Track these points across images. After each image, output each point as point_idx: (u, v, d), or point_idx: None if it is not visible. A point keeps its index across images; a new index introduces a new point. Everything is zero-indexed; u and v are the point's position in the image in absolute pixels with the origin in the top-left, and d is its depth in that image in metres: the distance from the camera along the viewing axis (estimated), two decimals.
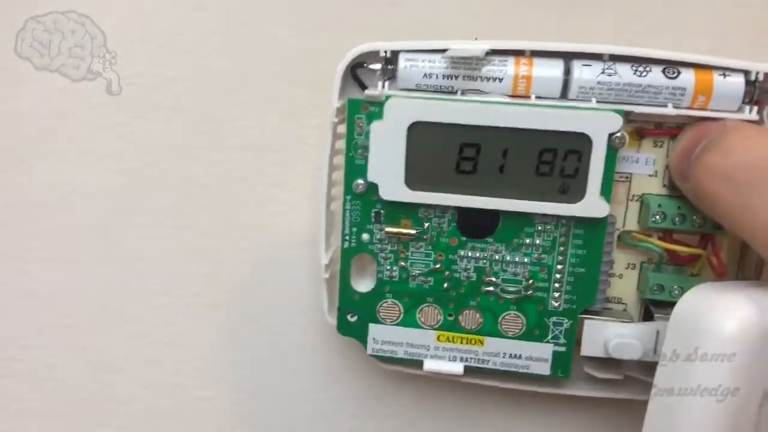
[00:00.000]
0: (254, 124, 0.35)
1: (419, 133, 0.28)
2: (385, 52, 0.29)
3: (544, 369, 0.31)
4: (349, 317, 0.31)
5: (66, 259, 0.36)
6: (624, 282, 0.31)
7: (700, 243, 0.30)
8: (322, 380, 0.37)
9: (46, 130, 0.35)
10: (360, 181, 0.30)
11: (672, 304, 0.30)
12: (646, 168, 0.30)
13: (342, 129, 0.30)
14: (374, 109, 0.29)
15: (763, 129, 0.28)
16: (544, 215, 0.29)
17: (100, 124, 0.35)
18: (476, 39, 0.30)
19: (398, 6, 0.33)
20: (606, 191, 0.28)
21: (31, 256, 0.37)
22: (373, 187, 0.29)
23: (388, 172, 0.29)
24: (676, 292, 0.30)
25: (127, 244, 0.36)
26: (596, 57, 0.29)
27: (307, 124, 0.34)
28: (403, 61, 0.29)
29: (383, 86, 0.30)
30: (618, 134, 0.27)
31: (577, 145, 0.28)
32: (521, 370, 0.31)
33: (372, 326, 0.31)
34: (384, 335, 0.31)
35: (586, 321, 0.30)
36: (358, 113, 0.29)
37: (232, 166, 0.35)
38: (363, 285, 0.31)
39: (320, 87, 0.33)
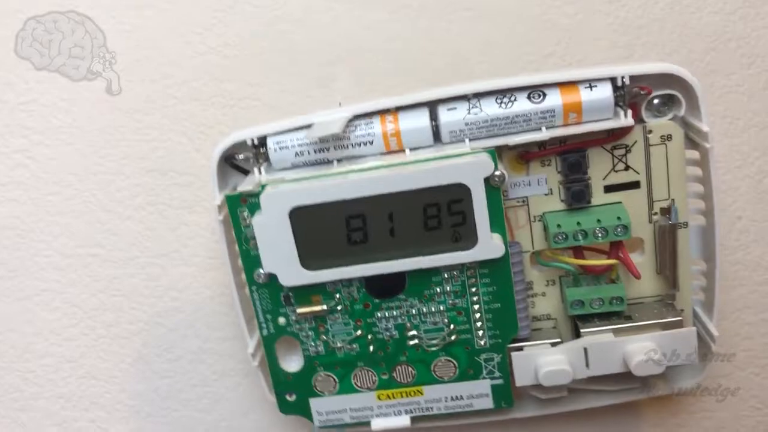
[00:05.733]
0: (162, 146, 0.34)
1: (302, 216, 0.28)
2: (252, 139, 0.29)
3: (487, 403, 0.31)
4: (287, 397, 0.32)
5: None
6: (548, 299, 0.31)
7: (611, 250, 0.30)
8: (245, 409, 0.36)
9: None
10: (260, 272, 0.29)
11: (597, 316, 0.30)
12: (539, 188, 0.30)
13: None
14: (254, 200, 0.28)
15: None
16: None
17: None
18: (340, 104, 0.29)
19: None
20: (499, 228, 0.28)
21: None
22: (274, 275, 0.29)
23: (282, 260, 0.29)
24: (597, 304, 0.30)
25: (33, 275, 0.35)
26: (461, 98, 0.28)
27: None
28: (272, 145, 0.29)
29: (260, 172, 0.29)
30: (495, 173, 0.27)
31: (457, 194, 0.27)
32: (466, 409, 0.31)
33: (313, 400, 0.32)
34: (326, 406, 0.32)
35: (513, 354, 0.30)
36: (240, 207, 0.29)
37: (139, 190, 0.34)
38: (293, 364, 0.31)
39: None
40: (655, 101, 0.28)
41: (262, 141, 0.29)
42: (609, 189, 0.29)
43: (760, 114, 0.33)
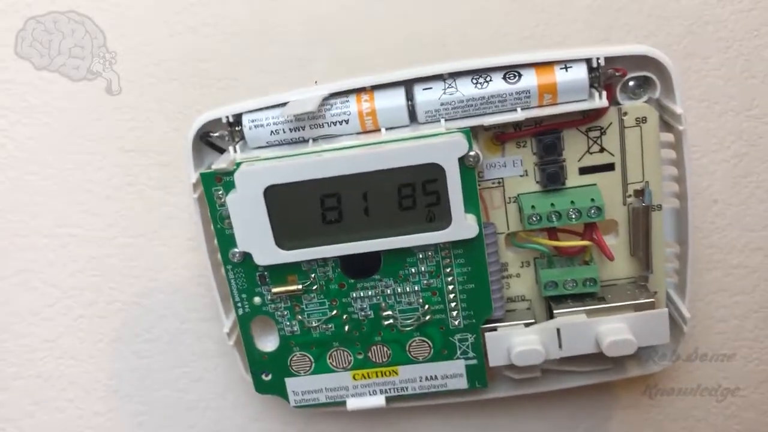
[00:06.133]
0: (140, 126, 0.34)
1: (276, 194, 0.28)
2: (227, 117, 0.29)
3: (462, 384, 0.31)
4: (263, 377, 0.32)
5: None
6: (523, 280, 0.31)
7: (585, 231, 0.30)
8: (223, 389, 0.37)
9: None
10: (235, 251, 0.29)
11: (570, 297, 0.30)
12: (515, 170, 0.30)
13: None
14: (228, 178, 0.28)
15: None
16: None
17: None
18: (316, 83, 0.29)
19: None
20: (473, 209, 0.28)
21: None
22: (249, 254, 0.29)
23: (257, 239, 0.29)
24: (571, 285, 0.30)
25: (10, 255, 0.35)
26: (437, 78, 0.28)
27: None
28: (247, 122, 0.29)
29: (235, 150, 0.29)
30: (470, 153, 0.27)
31: (431, 174, 0.27)
32: (440, 389, 0.31)
33: (288, 380, 0.32)
34: (302, 386, 0.32)
35: (486, 334, 0.30)
36: (215, 185, 0.29)
37: (117, 170, 0.34)
38: (269, 344, 0.32)
39: None
40: (631, 83, 0.28)
41: (238, 119, 0.29)
42: (584, 171, 0.29)
43: (736, 98, 0.33)
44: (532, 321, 0.30)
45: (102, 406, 0.37)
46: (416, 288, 0.30)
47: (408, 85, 0.28)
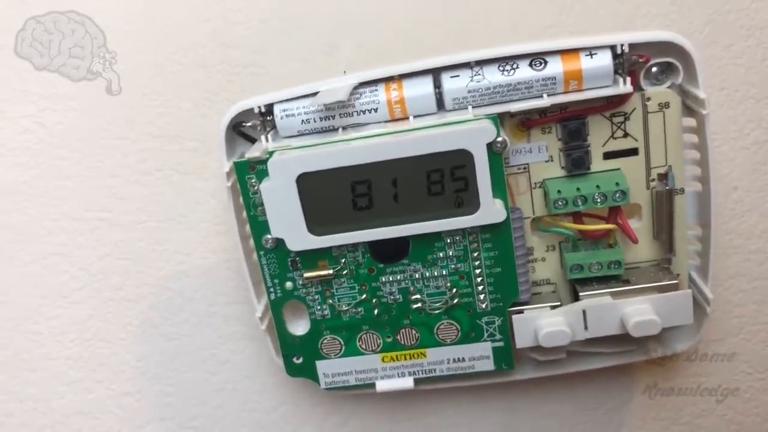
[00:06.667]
0: (169, 112, 0.34)
1: (309, 182, 0.29)
2: (259, 107, 0.30)
3: (488, 365, 0.32)
4: (294, 360, 0.33)
5: None
6: (548, 264, 0.32)
7: (609, 216, 0.30)
8: (251, 372, 0.37)
9: None
10: (268, 237, 0.30)
11: (595, 280, 0.31)
12: (540, 155, 0.30)
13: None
14: (261, 167, 0.29)
15: None
16: (451, 229, 0.30)
17: (5, 117, 0.35)
18: (345, 72, 0.30)
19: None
20: (500, 194, 0.29)
21: None
22: (282, 240, 0.30)
23: (289, 225, 0.29)
24: (596, 268, 0.30)
25: (42, 239, 0.36)
26: (464, 65, 0.29)
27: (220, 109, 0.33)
28: (278, 112, 0.30)
29: (266, 140, 0.30)
30: (498, 139, 0.28)
31: (460, 160, 0.28)
32: (467, 371, 0.32)
33: (319, 363, 0.33)
34: (332, 368, 0.33)
35: (513, 317, 0.31)
36: (248, 174, 0.29)
37: (146, 155, 0.35)
38: (300, 328, 0.32)
39: None
40: (654, 69, 0.29)
41: (269, 109, 0.30)
42: (608, 156, 0.30)
43: (757, 86, 0.34)
44: (558, 303, 0.31)
45: (131, 387, 0.38)
46: (444, 272, 0.31)
47: (436, 73, 0.29)
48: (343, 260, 0.31)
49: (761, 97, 0.34)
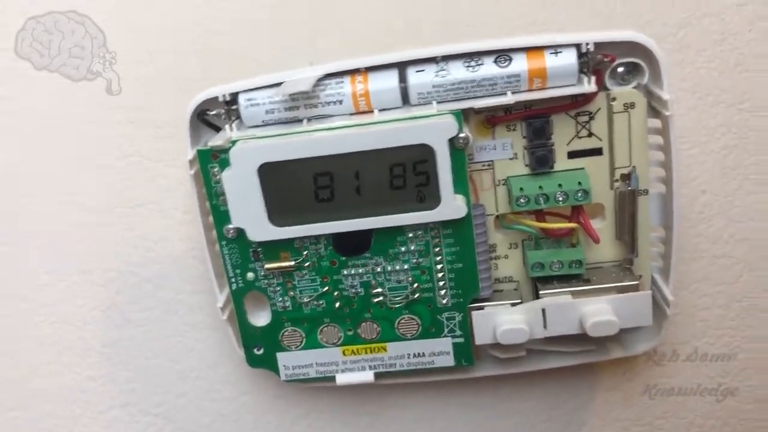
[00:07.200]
0: (142, 98, 0.34)
1: (271, 172, 0.29)
2: (224, 96, 0.29)
3: (448, 361, 0.32)
4: (255, 351, 0.33)
5: None
6: (510, 261, 0.32)
7: (572, 214, 0.30)
8: (214, 361, 0.37)
9: None
10: (229, 227, 0.30)
11: (556, 279, 0.31)
12: (504, 153, 0.30)
13: None
14: (224, 156, 0.29)
15: None
16: (413, 224, 0.30)
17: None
18: (311, 64, 0.30)
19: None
20: (462, 190, 0.29)
21: None
22: (243, 230, 0.30)
23: (250, 215, 0.29)
24: (557, 266, 0.30)
25: (11, 221, 0.36)
26: (430, 60, 0.28)
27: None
28: (243, 102, 0.29)
29: (231, 129, 0.30)
30: (460, 135, 0.28)
31: (422, 155, 0.28)
32: (428, 366, 0.32)
33: (280, 355, 0.33)
34: (293, 361, 0.33)
35: (473, 313, 0.31)
36: (210, 162, 0.29)
37: (120, 140, 0.35)
38: (261, 319, 0.32)
39: None
40: (619, 69, 0.29)
41: (234, 98, 0.30)
42: (572, 155, 0.30)
43: (728, 91, 0.34)
44: (519, 301, 0.31)
45: (95, 372, 0.38)
46: (406, 266, 0.31)
47: (401, 67, 0.29)
48: (305, 252, 0.31)
49: (732, 102, 0.34)
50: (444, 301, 0.31)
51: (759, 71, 0.33)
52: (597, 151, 0.30)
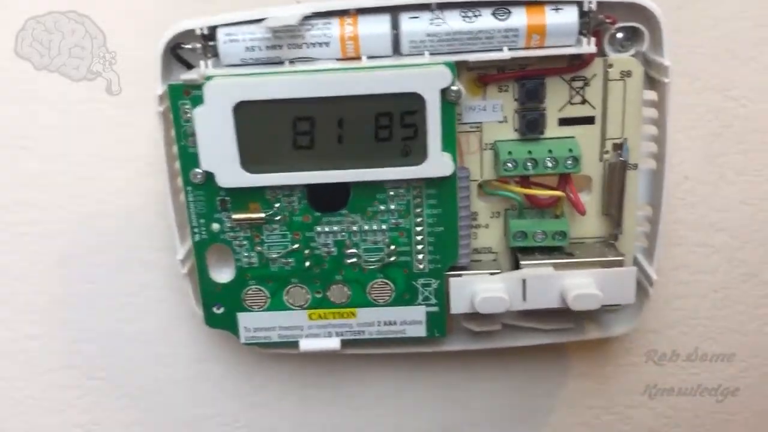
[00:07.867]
0: (108, 37, 0.32)
1: (247, 112, 0.27)
2: (201, 29, 0.27)
3: (420, 331, 0.30)
4: (215, 309, 0.30)
5: None
6: (491, 231, 0.31)
7: (559, 184, 0.29)
8: (167, 324, 0.35)
9: None
10: (197, 171, 0.28)
11: (538, 250, 0.30)
12: (494, 115, 0.29)
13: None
14: (197, 92, 0.27)
15: None
16: (394, 180, 0.28)
17: None
18: (298, 1, 0.28)
19: None
20: (449, 147, 0.27)
21: None
22: (212, 175, 0.28)
23: (221, 159, 0.27)
24: (540, 237, 0.29)
25: None
26: (425, 7, 0.27)
27: None
28: (222, 37, 0.27)
29: (206, 65, 0.28)
30: (453, 88, 0.26)
31: (411, 105, 0.26)
32: (398, 336, 0.31)
33: (241, 315, 0.30)
34: (255, 322, 0.31)
35: (451, 279, 0.29)
36: (182, 99, 0.27)
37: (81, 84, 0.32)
38: (224, 275, 0.30)
39: None
40: (618, 35, 0.28)
41: (212, 32, 0.28)
42: (563, 122, 0.29)
43: (718, 76, 0.33)
44: (498, 271, 0.30)
45: (37, 330, 0.35)
46: (384, 227, 0.29)
47: (394, 12, 0.27)
48: (277, 204, 0.29)
49: (721, 89, 0.33)
50: (421, 266, 0.29)
51: (748, 59, 0.32)
52: (589, 120, 0.29)
